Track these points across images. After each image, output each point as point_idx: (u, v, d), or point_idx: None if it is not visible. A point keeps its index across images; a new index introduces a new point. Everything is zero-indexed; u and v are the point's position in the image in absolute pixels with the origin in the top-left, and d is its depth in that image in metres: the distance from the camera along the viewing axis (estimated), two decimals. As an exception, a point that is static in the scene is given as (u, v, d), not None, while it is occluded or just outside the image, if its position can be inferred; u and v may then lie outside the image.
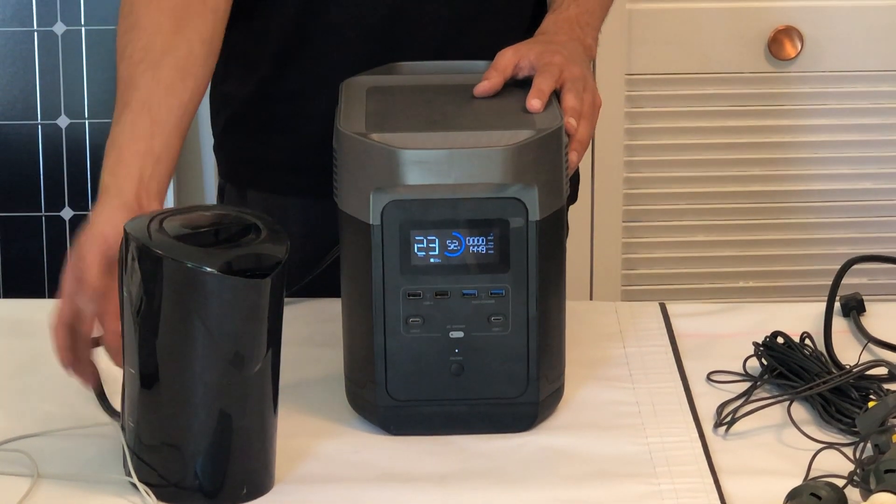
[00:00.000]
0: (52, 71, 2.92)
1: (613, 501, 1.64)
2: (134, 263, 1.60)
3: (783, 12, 2.90)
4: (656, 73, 2.92)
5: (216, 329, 1.61)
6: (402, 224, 1.71)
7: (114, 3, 2.06)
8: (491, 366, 1.75)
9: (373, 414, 1.79)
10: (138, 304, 1.61)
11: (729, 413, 1.79)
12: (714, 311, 2.08)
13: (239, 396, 1.64)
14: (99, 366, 1.84)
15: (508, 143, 1.72)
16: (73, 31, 2.80)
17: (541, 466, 1.71)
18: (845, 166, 2.98)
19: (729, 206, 2.98)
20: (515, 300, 1.74)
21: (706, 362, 1.91)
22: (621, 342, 1.98)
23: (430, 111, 1.82)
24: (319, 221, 1.81)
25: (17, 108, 2.86)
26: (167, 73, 1.89)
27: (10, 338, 2.02)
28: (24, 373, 1.92)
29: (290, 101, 2.10)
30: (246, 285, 1.60)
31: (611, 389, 1.87)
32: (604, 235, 2.94)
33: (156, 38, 1.91)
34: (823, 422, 1.77)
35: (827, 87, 2.95)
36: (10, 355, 1.98)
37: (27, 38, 2.88)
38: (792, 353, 1.86)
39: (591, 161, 2.81)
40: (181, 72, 1.90)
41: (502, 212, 1.71)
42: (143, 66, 1.88)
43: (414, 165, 1.70)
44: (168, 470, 1.64)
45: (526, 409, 1.78)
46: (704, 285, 2.94)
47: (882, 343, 1.93)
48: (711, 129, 2.96)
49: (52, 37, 2.82)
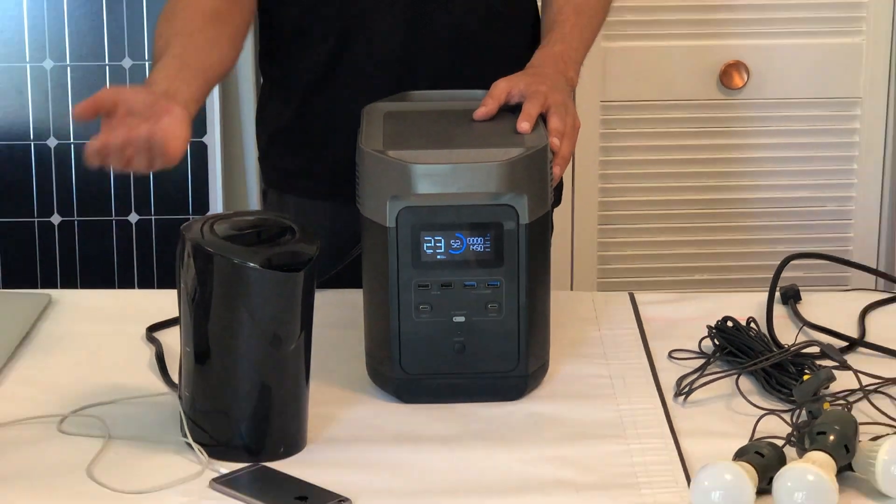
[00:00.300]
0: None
1: (591, 458, 1.64)
2: (189, 259, 1.61)
3: (732, 49, 2.90)
4: (626, 99, 2.92)
5: (258, 315, 1.62)
6: (413, 226, 1.71)
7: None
8: (487, 345, 1.75)
9: (389, 385, 1.79)
10: (193, 294, 1.62)
11: (686, 385, 1.79)
12: (675, 300, 2.08)
13: (277, 370, 1.65)
14: (161, 342, 1.86)
15: (502, 159, 1.72)
16: (139, 65, 2.78)
17: (529, 429, 1.72)
18: (785, 178, 2.97)
19: (688, 212, 2.97)
20: (508, 290, 1.74)
21: (668, 342, 1.91)
22: (597, 326, 1.97)
23: (437, 132, 1.82)
24: (344, 223, 1.81)
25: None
26: (199, 40, 1.91)
27: (86, 323, 2.01)
28: (97, 351, 1.92)
29: (322, 122, 2.10)
30: (283, 278, 1.61)
31: (588, 365, 1.87)
32: (582, 236, 2.93)
33: (190, 23, 1.93)
34: (766, 392, 1.77)
35: (769, 112, 2.94)
36: (86, 338, 1.96)
37: (99, 72, 2.83)
38: (739, 335, 1.86)
39: (572, 173, 2.80)
40: (210, 43, 1.92)
41: (497, 216, 1.72)
42: (177, 37, 1.90)
43: (423, 178, 1.71)
44: (217, 432, 1.65)
45: (517, 382, 1.78)
46: (667, 278, 2.93)
47: (815, 326, 1.93)
48: (672, 147, 2.95)
49: (120, 70, 2.80)
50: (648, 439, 1.69)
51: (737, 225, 2.97)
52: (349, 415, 1.75)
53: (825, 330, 1.92)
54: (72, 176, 2.75)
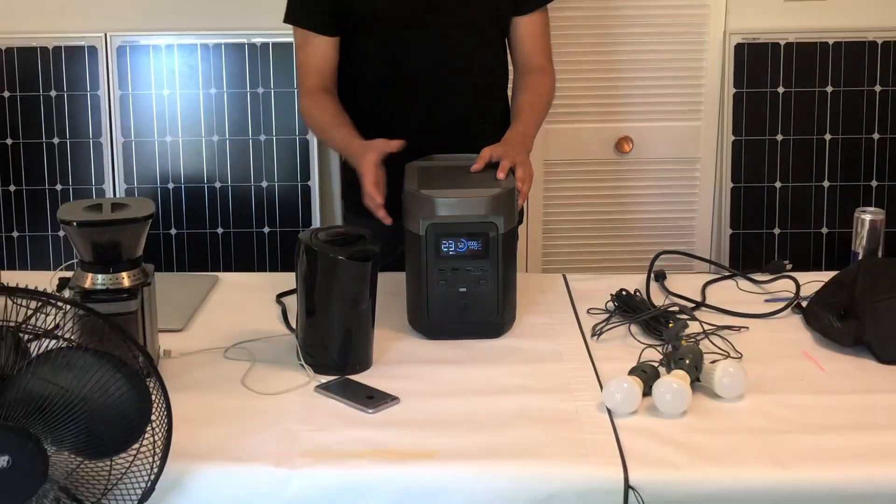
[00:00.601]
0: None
1: (541, 373, 1.64)
2: (303, 255, 1.62)
3: (623, 128, 2.87)
4: (560, 159, 2.90)
5: (344, 286, 1.62)
6: (436, 235, 1.71)
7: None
8: (479, 305, 1.75)
9: (421, 328, 1.78)
10: (305, 275, 1.62)
11: (598, 329, 1.79)
12: (590, 279, 2.04)
13: (354, 320, 1.65)
14: (285, 303, 1.86)
15: (488, 194, 1.72)
16: (269, 139, 2.75)
17: (504, 355, 1.71)
18: (655, 206, 2.95)
19: (599, 226, 2.95)
20: (491, 273, 1.73)
21: (586, 304, 1.89)
22: (543, 294, 1.96)
23: (449, 178, 1.80)
24: (395, 233, 1.80)
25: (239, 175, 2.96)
26: (331, 117, 1.98)
27: (239, 292, 1.99)
28: (246, 309, 1.90)
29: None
30: (358, 265, 1.61)
31: (539, 317, 1.85)
32: (534, 240, 2.92)
33: (319, 114, 2.01)
34: (646, 334, 1.76)
35: (645, 166, 2.92)
36: (239, 301, 1.94)
37: (245, 144, 2.78)
38: (630, 299, 1.86)
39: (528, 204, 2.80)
40: (339, 109, 2.00)
41: (485, 229, 1.72)
42: (326, 129, 2.00)
43: (441, 206, 1.71)
44: (318, 357, 1.65)
45: (497, 326, 1.78)
46: (585, 266, 2.91)
47: (675, 294, 1.91)
48: (588, 187, 2.92)
49: (257, 142, 2.75)
50: (576, 362, 1.68)
51: (629, 234, 2.95)
52: (397, 346, 1.75)
53: (682, 297, 1.91)
54: (229, 205, 2.75)
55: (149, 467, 1.33)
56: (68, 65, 2.72)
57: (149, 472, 1.34)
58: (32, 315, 1.29)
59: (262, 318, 1.84)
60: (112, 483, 1.33)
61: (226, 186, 2.74)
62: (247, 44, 2.74)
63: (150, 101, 2.74)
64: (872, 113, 2.84)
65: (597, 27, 2.84)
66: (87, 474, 1.32)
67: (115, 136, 2.74)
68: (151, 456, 1.33)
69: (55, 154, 2.74)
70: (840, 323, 1.73)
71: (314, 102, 2.00)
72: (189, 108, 2.74)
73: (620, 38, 2.85)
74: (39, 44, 2.72)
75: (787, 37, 2.82)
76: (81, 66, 2.72)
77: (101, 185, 2.76)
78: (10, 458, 1.22)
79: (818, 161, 2.86)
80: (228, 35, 2.74)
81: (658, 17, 2.84)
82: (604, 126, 2.91)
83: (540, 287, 1.99)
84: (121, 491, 1.34)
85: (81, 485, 1.32)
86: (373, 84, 2.04)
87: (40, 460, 1.24)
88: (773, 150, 2.86)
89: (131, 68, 2.73)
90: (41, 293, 1.27)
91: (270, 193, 2.75)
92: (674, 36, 2.85)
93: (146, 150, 2.75)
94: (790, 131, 2.85)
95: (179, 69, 2.73)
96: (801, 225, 2.88)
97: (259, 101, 2.74)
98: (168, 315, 1.80)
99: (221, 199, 2.74)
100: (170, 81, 2.73)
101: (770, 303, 1.89)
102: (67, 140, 2.74)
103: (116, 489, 1.33)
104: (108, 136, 2.74)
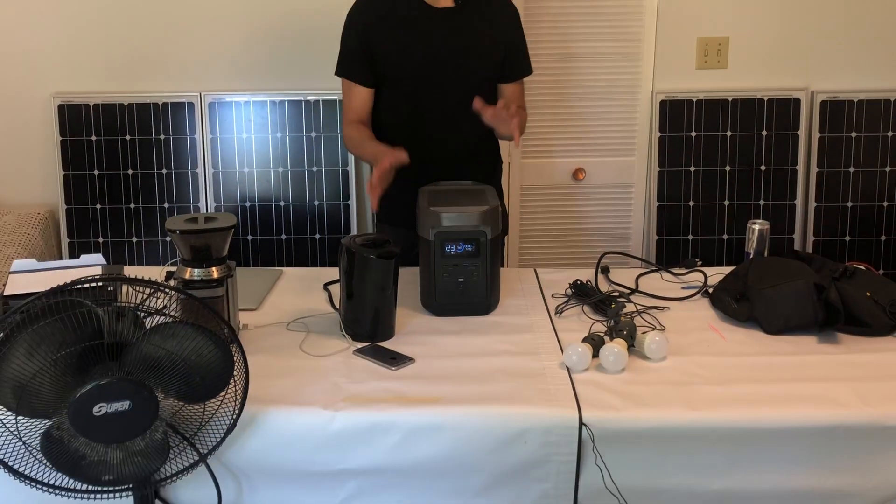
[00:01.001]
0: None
1: (518, 342, 1.62)
2: (344, 255, 1.60)
3: (578, 161, 2.86)
4: (533, 184, 2.89)
5: (374, 278, 1.61)
6: (441, 240, 1.70)
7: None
8: (474, 290, 1.73)
9: (431, 308, 1.76)
10: (346, 269, 1.61)
11: (560, 308, 1.77)
12: (554, 272, 2.02)
13: (383, 301, 1.63)
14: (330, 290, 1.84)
15: (479, 210, 1.71)
16: (320, 170, 2.74)
17: (492, 328, 1.70)
18: (601, 219, 2.96)
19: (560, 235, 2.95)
20: (482, 268, 1.72)
21: (552, 290, 1.88)
22: (520, 283, 1.94)
23: (450, 198, 1.78)
24: (412, 238, 1.79)
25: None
26: (366, 137, 1.93)
27: (298, 283, 1.94)
28: (302, 294, 1.87)
29: (399, 193, 1.92)
30: (385, 262, 1.60)
31: (516, 301, 1.83)
32: (513, 243, 2.92)
33: (361, 130, 1.96)
34: (596, 312, 1.76)
35: (595, 191, 2.91)
36: (297, 289, 1.89)
37: (301, 174, 2.78)
38: (584, 287, 1.84)
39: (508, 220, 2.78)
40: (369, 137, 1.94)
41: (477, 235, 1.70)
42: (362, 136, 1.94)
43: (445, 218, 1.70)
44: (356, 329, 1.63)
45: (486, 306, 1.75)
46: (552, 262, 2.91)
47: (617, 283, 1.90)
48: (552, 206, 2.92)
49: (311, 173, 2.75)
50: (543, 333, 1.67)
51: (582, 239, 2.94)
52: (412, 321, 1.74)
53: (621, 285, 1.90)
54: (290, 218, 2.74)
55: (232, 409, 1.33)
56: (173, 116, 2.73)
57: (232, 412, 1.33)
58: (147, 298, 1.29)
59: (314, 301, 1.84)
60: (205, 421, 1.33)
61: (287, 204, 2.75)
62: (303, 100, 2.73)
63: (232, 142, 2.74)
64: (760, 151, 2.83)
65: (560, 86, 2.84)
66: (186, 414, 1.32)
67: (208, 167, 2.74)
68: (234, 401, 1.33)
69: (164, 181, 2.74)
70: (737, 304, 1.72)
71: (353, 128, 1.98)
72: (261, 147, 2.74)
73: (577, 95, 2.85)
74: (153, 100, 2.73)
75: (698, 95, 2.82)
76: (183, 116, 2.72)
77: (196, 203, 2.76)
78: (131, 402, 1.22)
79: (720, 186, 2.85)
80: (289, 94, 2.74)
81: (604, 80, 2.84)
82: (564, 160, 2.91)
83: (517, 278, 1.98)
84: (211, 427, 1.34)
85: (182, 422, 1.32)
86: (393, 122, 2.01)
87: (152, 404, 1.24)
88: (688, 177, 2.86)
89: (219, 118, 2.73)
90: (153, 282, 1.27)
91: (320, 210, 2.75)
92: (615, 94, 2.85)
93: (230, 178, 2.75)
94: (700, 164, 2.85)
95: (255, 118, 2.73)
96: (709, 232, 2.87)
97: (312, 142, 2.74)
98: (246, 298, 1.80)
99: (284, 214, 2.75)
100: (247, 127, 2.73)
101: (685, 289, 1.89)
102: (172, 171, 2.74)
103: (208, 426, 1.33)
104: (203, 167, 2.74)
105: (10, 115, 2.78)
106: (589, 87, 2.84)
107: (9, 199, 2.84)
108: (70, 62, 2.75)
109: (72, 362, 1.20)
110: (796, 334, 1.64)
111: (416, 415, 1.38)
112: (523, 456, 1.37)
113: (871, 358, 1.54)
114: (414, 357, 1.56)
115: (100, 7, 2.72)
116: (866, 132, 2.82)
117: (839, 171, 2.83)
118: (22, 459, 1.25)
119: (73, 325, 1.19)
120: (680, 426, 1.37)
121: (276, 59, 2.76)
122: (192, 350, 1.26)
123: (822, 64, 2.84)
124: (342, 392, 1.44)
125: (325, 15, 2.72)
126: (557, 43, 2.79)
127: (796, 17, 2.81)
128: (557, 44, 2.79)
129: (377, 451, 1.37)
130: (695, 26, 2.81)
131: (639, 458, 1.37)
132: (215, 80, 2.77)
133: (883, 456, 1.38)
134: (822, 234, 2.85)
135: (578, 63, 2.82)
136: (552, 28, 2.78)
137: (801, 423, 1.37)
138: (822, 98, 2.81)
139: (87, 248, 2.74)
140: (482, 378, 1.48)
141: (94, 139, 2.72)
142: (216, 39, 2.74)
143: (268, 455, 1.38)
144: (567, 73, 2.83)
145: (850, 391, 1.42)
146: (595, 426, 1.36)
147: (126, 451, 1.27)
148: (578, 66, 2.82)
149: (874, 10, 2.81)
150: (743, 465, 1.38)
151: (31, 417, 1.22)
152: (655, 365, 1.54)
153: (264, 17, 2.74)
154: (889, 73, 2.84)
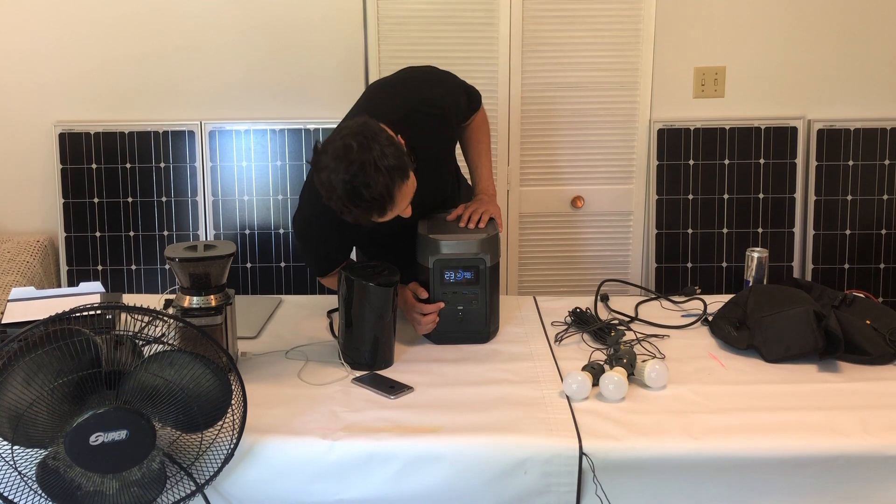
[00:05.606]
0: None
1: (517, 370, 1.62)
2: (343, 282, 1.60)
3: (576, 189, 2.87)
4: (532, 212, 2.90)
5: (372, 305, 1.61)
6: (441, 267, 1.70)
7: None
8: (472, 318, 1.73)
9: (430, 336, 1.76)
10: (345, 297, 1.61)
11: (559, 336, 1.78)
12: (553, 300, 2.03)
13: (381, 330, 1.63)
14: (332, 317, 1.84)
15: (478, 238, 1.71)
16: None
17: (491, 356, 1.70)
18: (599, 247, 2.96)
19: (559, 262, 2.95)
20: (481, 295, 1.72)
21: (550, 318, 1.89)
22: (519, 311, 1.95)
23: (449, 227, 1.78)
24: (413, 266, 1.79)
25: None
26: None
27: (296, 310, 1.96)
28: (301, 322, 1.88)
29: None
30: (384, 290, 1.60)
31: (515, 328, 1.84)
32: (512, 271, 2.91)
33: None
34: (595, 340, 1.76)
35: (594, 218, 2.92)
36: (296, 316, 1.89)
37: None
38: (583, 315, 1.85)
39: (507, 245, 2.79)
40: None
41: (477, 263, 1.71)
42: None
43: (444, 246, 1.70)
44: (354, 357, 1.63)
45: (485, 334, 1.76)
46: (551, 290, 2.91)
47: (616, 311, 1.91)
48: (551, 233, 2.92)
49: None
50: (542, 361, 1.67)
51: (581, 267, 2.94)
52: (411, 349, 1.74)
53: (620, 313, 1.90)
54: (289, 246, 2.73)
55: (229, 438, 1.33)
56: (174, 144, 2.74)
57: (230, 441, 1.33)
58: (145, 326, 1.28)
59: (313, 329, 1.83)
60: (202, 450, 1.32)
61: (287, 232, 2.74)
62: (303, 129, 2.75)
63: (232, 170, 2.75)
64: (758, 179, 2.85)
65: (558, 114, 2.86)
66: (184, 444, 1.31)
67: (207, 195, 2.75)
68: (232, 430, 1.32)
69: (163, 208, 2.75)
70: (736, 332, 1.72)
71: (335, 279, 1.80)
72: (260, 175, 2.75)
73: (575, 123, 2.87)
74: (153, 129, 2.74)
75: (695, 123, 2.84)
76: (183, 144, 2.74)
77: (196, 230, 2.76)
78: (128, 431, 1.22)
79: (719, 214, 2.86)
80: (289, 123, 2.75)
81: (603, 109, 2.86)
82: (563, 188, 2.92)
83: (517, 305, 1.98)
84: (209, 456, 1.33)
85: (180, 451, 1.31)
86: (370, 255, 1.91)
87: (150, 433, 1.24)
88: (686, 205, 2.87)
89: (219, 146, 2.74)
90: (152, 310, 1.27)
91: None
92: (613, 122, 2.86)
93: (229, 205, 2.75)
94: (698, 192, 2.86)
95: (254, 147, 2.74)
96: (707, 260, 2.87)
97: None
98: (244, 326, 1.80)
99: (284, 242, 2.75)
100: (247, 156, 2.74)
101: (685, 317, 1.89)
102: (172, 198, 2.75)
103: (206, 455, 1.32)
104: (202, 195, 2.75)
105: (11, 143, 2.80)
106: (587, 115, 2.87)
107: (8, 227, 2.84)
108: (71, 91, 2.77)
109: (69, 391, 1.20)
110: (796, 362, 1.64)
111: (414, 444, 1.37)
112: (523, 486, 1.36)
113: (871, 387, 1.54)
114: (413, 386, 1.56)
115: (101, 37, 2.75)
116: (863, 160, 2.84)
117: (837, 199, 2.85)
118: (17, 490, 1.24)
119: (70, 354, 1.19)
120: (681, 455, 1.36)
121: (277, 88, 2.78)
122: (191, 379, 1.25)
123: (819, 93, 2.86)
124: (340, 421, 1.43)
125: (325, 45, 2.74)
126: (556, 72, 2.82)
127: (792, 47, 2.84)
128: (556, 73, 2.82)
129: (376, 481, 1.36)
130: (692, 56, 2.84)
131: (640, 488, 1.37)
132: (216, 109, 2.78)
133: (884, 485, 1.37)
134: (821, 261, 2.85)
135: (577, 92, 2.84)
136: (551, 57, 2.81)
137: (801, 452, 1.36)
138: (819, 126, 2.83)
139: (87, 275, 2.75)
140: (481, 407, 1.48)
141: (94, 167, 2.73)
142: (217, 68, 2.77)
143: (265, 485, 1.37)
144: (565, 102, 2.85)
145: (851, 420, 1.42)
146: (595, 456, 1.35)
147: (122, 482, 1.26)
148: (577, 96, 2.84)
149: (870, 39, 2.85)
150: (744, 495, 1.37)
151: (27, 447, 1.21)
152: (655, 393, 1.53)
153: (264, 46, 2.77)
154: (885, 101, 2.87)
